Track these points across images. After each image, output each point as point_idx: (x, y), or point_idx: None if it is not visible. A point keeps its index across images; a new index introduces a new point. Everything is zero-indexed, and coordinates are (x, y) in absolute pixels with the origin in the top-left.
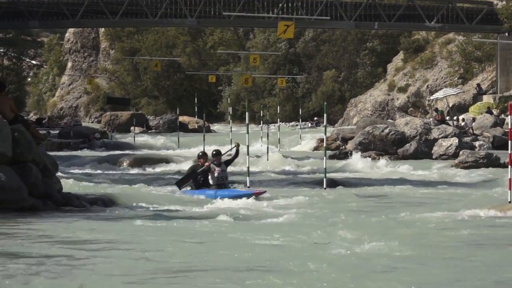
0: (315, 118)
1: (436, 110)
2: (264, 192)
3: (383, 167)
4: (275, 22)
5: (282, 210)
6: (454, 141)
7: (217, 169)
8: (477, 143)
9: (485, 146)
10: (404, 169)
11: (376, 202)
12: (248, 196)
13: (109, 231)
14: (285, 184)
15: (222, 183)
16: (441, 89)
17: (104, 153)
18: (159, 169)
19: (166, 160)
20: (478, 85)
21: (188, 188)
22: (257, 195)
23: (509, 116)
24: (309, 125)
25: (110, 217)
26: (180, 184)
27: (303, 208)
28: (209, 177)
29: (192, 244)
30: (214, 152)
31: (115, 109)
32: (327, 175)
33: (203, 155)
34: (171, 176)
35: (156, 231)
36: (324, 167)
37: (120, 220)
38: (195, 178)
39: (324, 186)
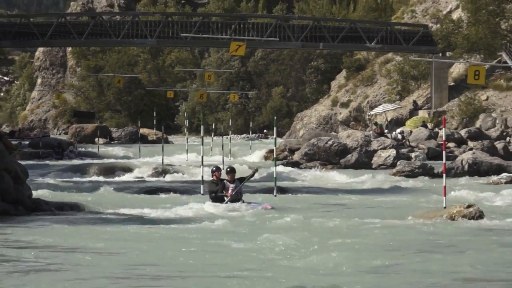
0: (264, 131)
1: (376, 123)
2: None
3: (328, 176)
4: (228, 42)
5: (236, 214)
6: (392, 152)
7: (231, 186)
8: (413, 154)
9: (421, 157)
10: (346, 178)
11: (322, 208)
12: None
13: (74, 235)
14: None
15: (236, 199)
16: (380, 104)
17: (71, 162)
18: (122, 176)
19: (129, 169)
20: (414, 101)
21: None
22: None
23: (442, 129)
24: (259, 137)
25: (76, 221)
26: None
27: (254, 215)
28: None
29: (156, 246)
30: (228, 169)
31: (81, 122)
32: (277, 183)
33: (217, 169)
34: (131, 185)
35: (121, 234)
36: (274, 176)
37: (86, 224)
38: (211, 196)
39: (275, 193)
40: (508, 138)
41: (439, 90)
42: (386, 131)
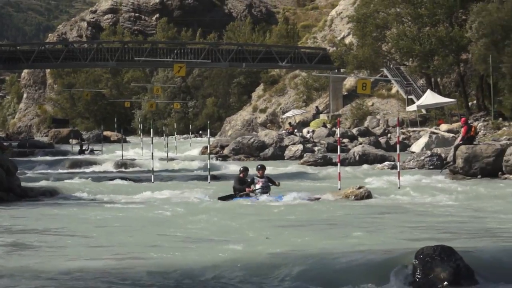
0: (200, 132)
1: (290, 124)
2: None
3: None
4: (172, 63)
5: (179, 199)
6: (300, 147)
7: (260, 180)
8: (316, 148)
9: (322, 150)
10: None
11: None
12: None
13: (54, 215)
14: (182, 180)
15: (265, 193)
16: (290, 110)
17: (50, 158)
18: (90, 168)
19: (95, 162)
20: (317, 107)
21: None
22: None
23: (338, 129)
24: (196, 136)
25: (56, 204)
26: (224, 198)
27: (194, 197)
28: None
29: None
30: (258, 166)
31: (58, 127)
32: (210, 172)
33: (245, 170)
34: (97, 175)
35: (94, 216)
36: (208, 167)
37: (63, 207)
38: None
39: (208, 180)
40: (389, 135)
41: (336, 98)
42: (295, 130)
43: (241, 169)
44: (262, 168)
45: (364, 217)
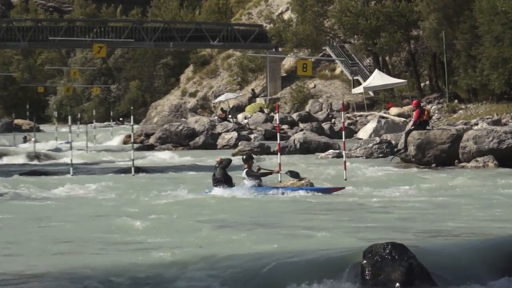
0: (121, 119)
1: (222, 109)
2: (342, 188)
3: (177, 157)
4: (91, 43)
5: (100, 194)
6: (234, 134)
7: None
8: (252, 136)
9: (259, 138)
10: (195, 158)
11: (174, 184)
12: (323, 191)
13: None
14: (102, 173)
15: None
16: (223, 94)
17: None
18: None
19: (5, 154)
20: (252, 90)
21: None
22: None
23: (276, 114)
24: (117, 124)
25: None
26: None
27: (117, 191)
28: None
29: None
30: (244, 157)
31: None
32: (135, 164)
33: (249, 158)
34: (8, 168)
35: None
36: (132, 157)
37: None
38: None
39: (132, 173)
40: (333, 120)
41: (274, 80)
42: (229, 116)
43: (244, 158)
44: (250, 158)
45: (307, 212)
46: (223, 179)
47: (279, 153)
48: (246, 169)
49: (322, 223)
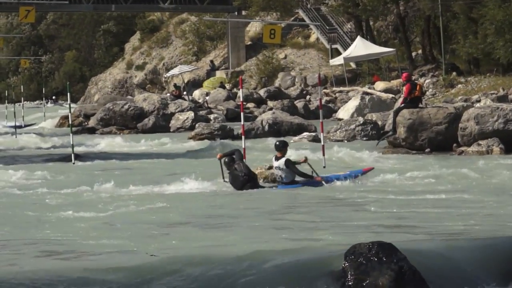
0: (54, 97)
1: (175, 85)
2: (373, 168)
3: (122, 142)
4: (17, 6)
5: (32, 187)
6: (190, 114)
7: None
8: (212, 116)
9: (220, 119)
10: (144, 142)
11: (120, 174)
12: (357, 174)
13: None
14: (34, 161)
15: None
16: (176, 66)
17: None
18: None
19: None
20: (211, 61)
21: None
22: (366, 171)
23: (240, 90)
24: (51, 102)
25: None
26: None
27: (54, 183)
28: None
29: None
30: (278, 144)
31: None
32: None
33: (284, 145)
34: None
35: None
36: (72, 143)
37: None
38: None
39: (73, 161)
40: (308, 97)
41: (236, 49)
42: (184, 93)
43: (280, 144)
44: (286, 145)
45: (279, 207)
46: (249, 176)
47: (243, 137)
48: (286, 159)
49: (296, 221)
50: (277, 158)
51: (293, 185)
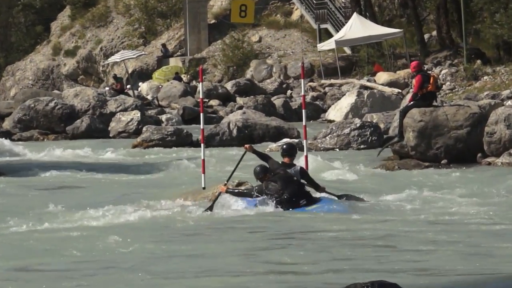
0: None
1: (115, 77)
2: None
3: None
4: None
5: None
6: (136, 115)
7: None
8: (164, 117)
9: (174, 120)
10: (75, 150)
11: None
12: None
13: None
14: None
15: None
16: (118, 51)
17: None
18: None
19: None
20: (163, 45)
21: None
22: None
23: (200, 83)
24: None
25: None
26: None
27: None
28: None
29: None
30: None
31: None
32: None
33: (291, 149)
34: None
35: None
36: None
37: None
38: None
39: None
40: (289, 92)
41: (196, 30)
42: (128, 86)
43: (285, 148)
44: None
45: (248, 235)
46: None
47: (202, 145)
48: (301, 167)
49: (270, 250)
50: (286, 166)
51: (317, 203)
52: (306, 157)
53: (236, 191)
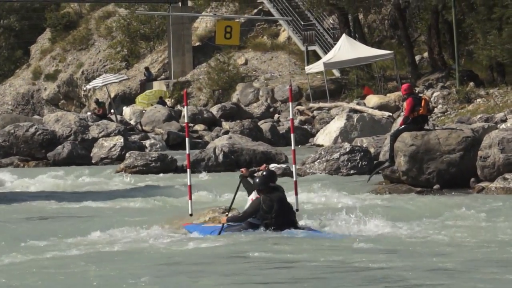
0: None
1: (98, 102)
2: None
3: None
4: None
5: None
6: (119, 140)
7: None
8: (148, 142)
9: (158, 146)
10: (57, 178)
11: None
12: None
13: None
14: None
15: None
16: (100, 75)
17: None
18: None
19: None
20: (147, 69)
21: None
22: None
23: (185, 107)
24: None
25: None
26: None
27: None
28: None
29: None
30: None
31: None
32: None
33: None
34: None
35: None
36: None
37: None
38: None
39: None
40: (276, 116)
41: (180, 53)
42: (111, 111)
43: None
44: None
45: (239, 263)
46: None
47: (188, 171)
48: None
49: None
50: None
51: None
52: (296, 182)
53: (238, 216)
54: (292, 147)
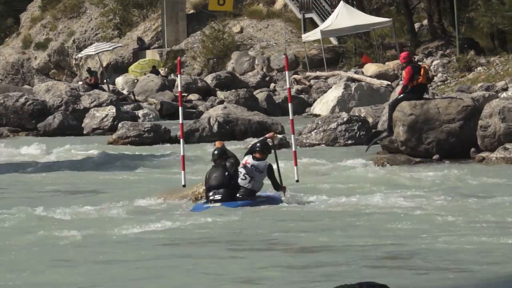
0: None
1: (89, 71)
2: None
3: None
4: None
5: None
6: (111, 110)
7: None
8: (140, 112)
9: (151, 116)
10: (46, 148)
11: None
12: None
13: None
14: None
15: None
16: (92, 43)
17: None
18: None
19: None
20: (140, 38)
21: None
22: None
23: (178, 76)
24: None
25: None
26: None
27: None
28: None
29: None
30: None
31: None
32: None
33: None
34: None
35: None
36: None
37: None
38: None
39: None
40: (272, 85)
41: (174, 21)
42: (104, 81)
43: (260, 146)
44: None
45: (236, 234)
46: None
47: (182, 141)
48: (270, 164)
49: (257, 251)
50: (256, 158)
51: (249, 201)
52: (295, 152)
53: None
54: (290, 117)
